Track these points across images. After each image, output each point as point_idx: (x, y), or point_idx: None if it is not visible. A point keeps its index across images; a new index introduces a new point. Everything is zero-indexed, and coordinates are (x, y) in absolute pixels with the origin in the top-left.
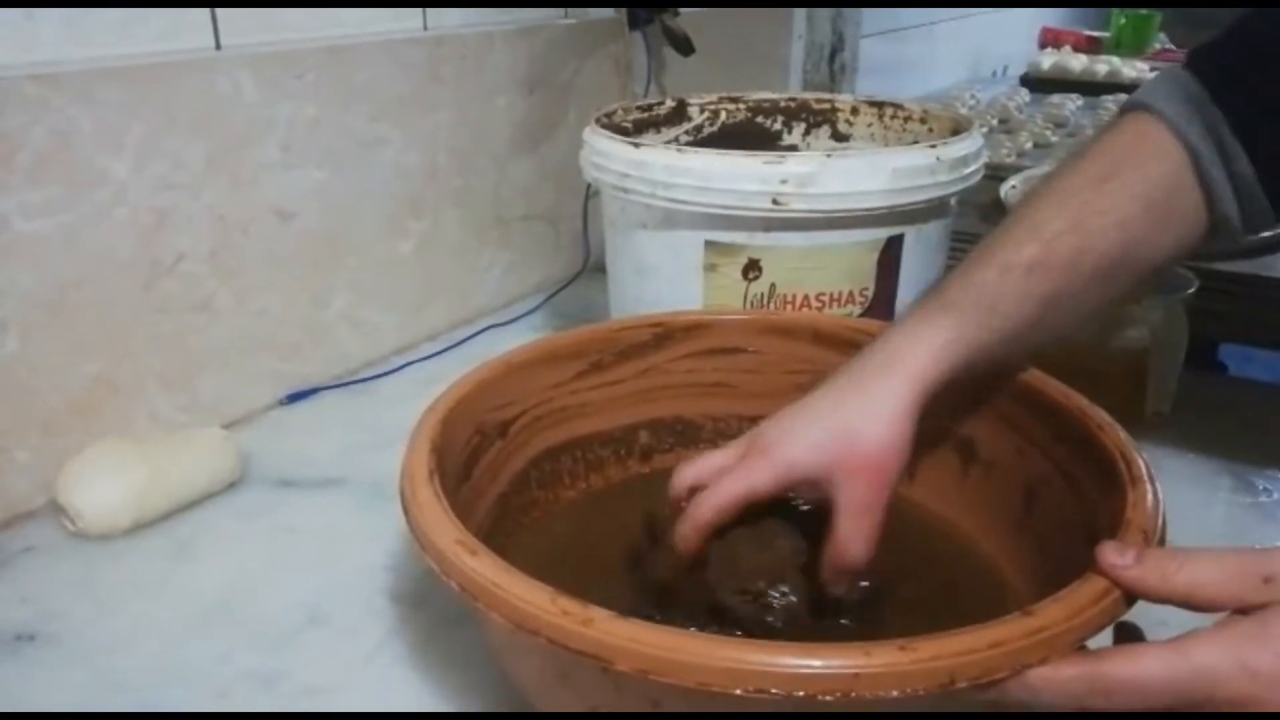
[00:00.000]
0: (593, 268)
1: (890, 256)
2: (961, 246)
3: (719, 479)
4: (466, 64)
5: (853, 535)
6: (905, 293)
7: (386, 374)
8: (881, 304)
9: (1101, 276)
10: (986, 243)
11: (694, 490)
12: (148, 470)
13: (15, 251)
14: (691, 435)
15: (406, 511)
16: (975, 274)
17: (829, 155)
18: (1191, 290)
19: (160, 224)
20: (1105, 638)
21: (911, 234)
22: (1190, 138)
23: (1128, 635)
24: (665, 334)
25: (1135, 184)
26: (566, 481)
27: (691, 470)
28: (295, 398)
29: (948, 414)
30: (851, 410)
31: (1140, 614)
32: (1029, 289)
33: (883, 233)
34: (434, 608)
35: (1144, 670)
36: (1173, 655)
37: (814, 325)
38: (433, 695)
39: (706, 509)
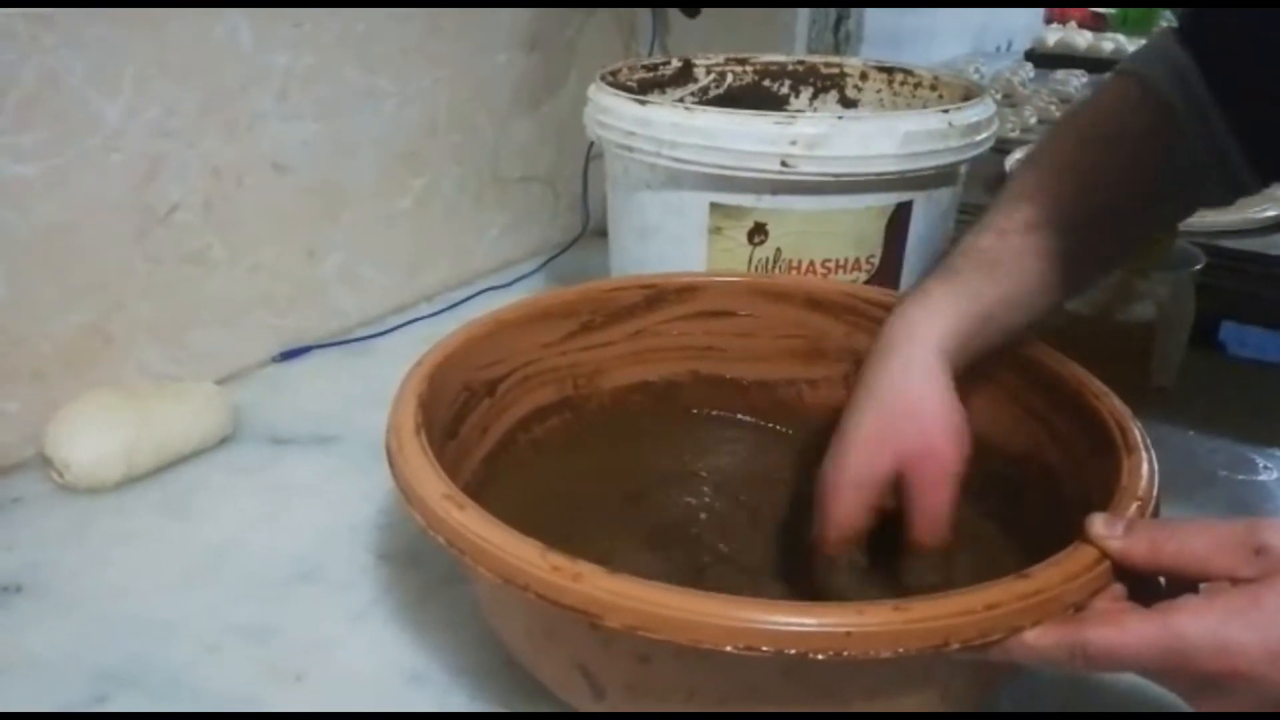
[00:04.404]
0: (592, 232)
1: (898, 223)
2: (967, 219)
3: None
4: (468, 17)
5: (931, 515)
6: (912, 261)
7: (382, 333)
8: (888, 272)
9: (1101, 229)
10: (985, 214)
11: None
12: (138, 423)
13: (2, 194)
14: (681, 399)
15: (393, 465)
16: (975, 241)
17: (840, 117)
18: (1199, 266)
19: (154, 172)
20: None
21: (921, 200)
22: (1174, 98)
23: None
24: (657, 295)
25: (1126, 141)
26: (555, 441)
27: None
28: (289, 355)
29: None
30: (886, 399)
31: None
32: (1029, 246)
33: (892, 198)
34: (427, 566)
35: (1125, 637)
36: (1155, 625)
37: (807, 290)
38: (425, 653)
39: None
